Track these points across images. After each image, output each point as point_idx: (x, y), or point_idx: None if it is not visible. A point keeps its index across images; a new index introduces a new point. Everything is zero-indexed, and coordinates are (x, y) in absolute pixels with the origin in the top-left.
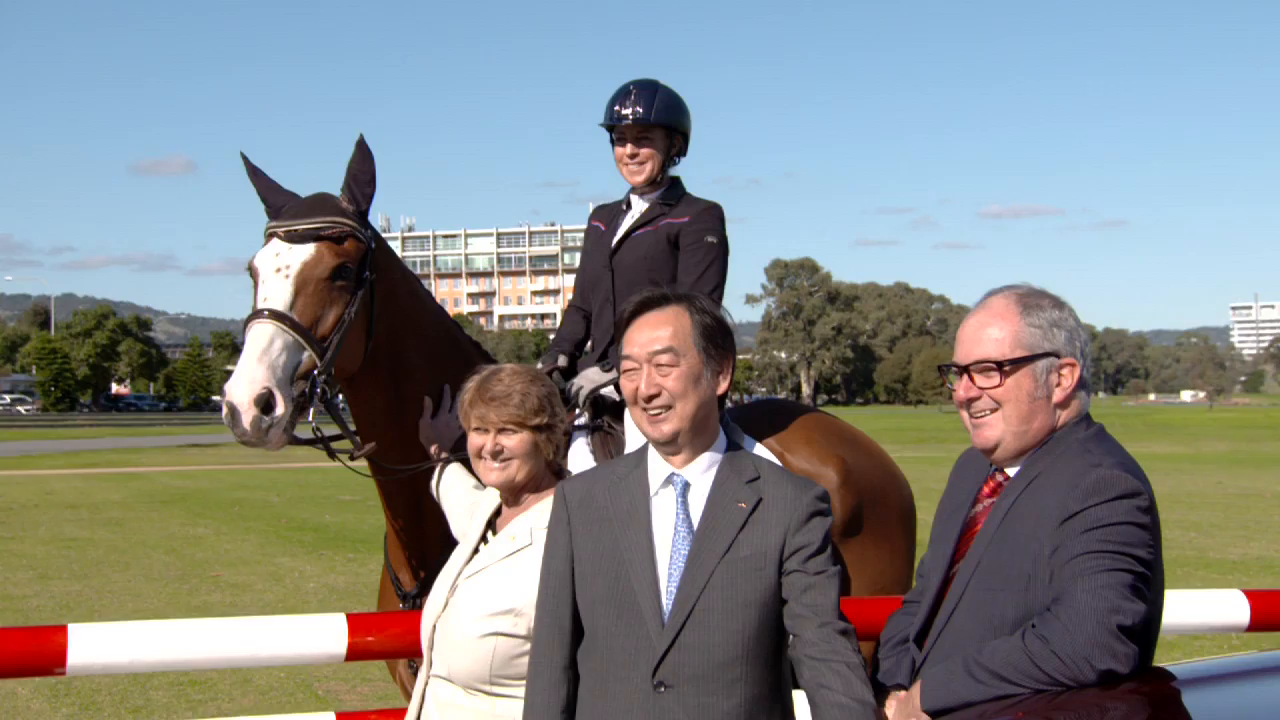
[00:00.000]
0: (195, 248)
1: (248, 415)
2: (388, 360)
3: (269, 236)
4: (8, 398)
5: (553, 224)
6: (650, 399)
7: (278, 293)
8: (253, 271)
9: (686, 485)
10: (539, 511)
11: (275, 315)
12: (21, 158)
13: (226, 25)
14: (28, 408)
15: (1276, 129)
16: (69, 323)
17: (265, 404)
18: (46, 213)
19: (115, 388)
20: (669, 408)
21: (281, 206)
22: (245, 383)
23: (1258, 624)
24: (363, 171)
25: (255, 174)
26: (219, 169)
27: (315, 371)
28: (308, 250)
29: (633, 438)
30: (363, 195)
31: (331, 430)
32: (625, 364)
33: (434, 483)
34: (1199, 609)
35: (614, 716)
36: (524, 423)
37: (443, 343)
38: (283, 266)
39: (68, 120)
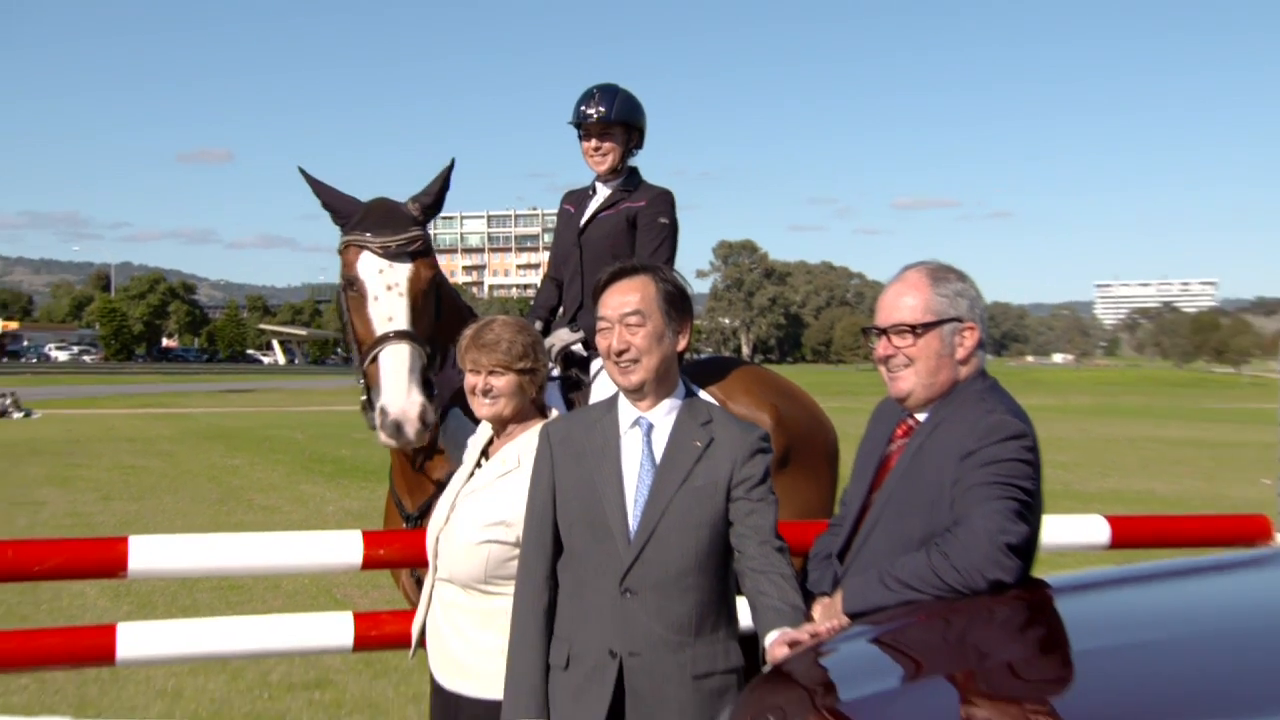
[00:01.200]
0: (232, 225)
1: (412, 429)
2: (430, 335)
3: (359, 248)
4: (75, 349)
5: (534, 208)
6: (621, 353)
7: (399, 311)
8: (357, 281)
9: (650, 426)
10: (524, 440)
11: (407, 336)
12: (88, 147)
13: (261, 34)
14: (92, 357)
15: (1136, 133)
16: (126, 287)
17: (423, 418)
18: (108, 194)
19: (165, 342)
20: (636, 361)
21: (349, 214)
22: (408, 403)
23: (1116, 544)
24: (440, 192)
25: (317, 185)
26: (253, 159)
27: (432, 374)
28: (408, 268)
29: (598, 386)
30: (430, 210)
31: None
32: (600, 324)
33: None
34: (1069, 532)
35: (588, 617)
36: (510, 366)
37: (457, 313)
38: (393, 284)
39: (125, 115)
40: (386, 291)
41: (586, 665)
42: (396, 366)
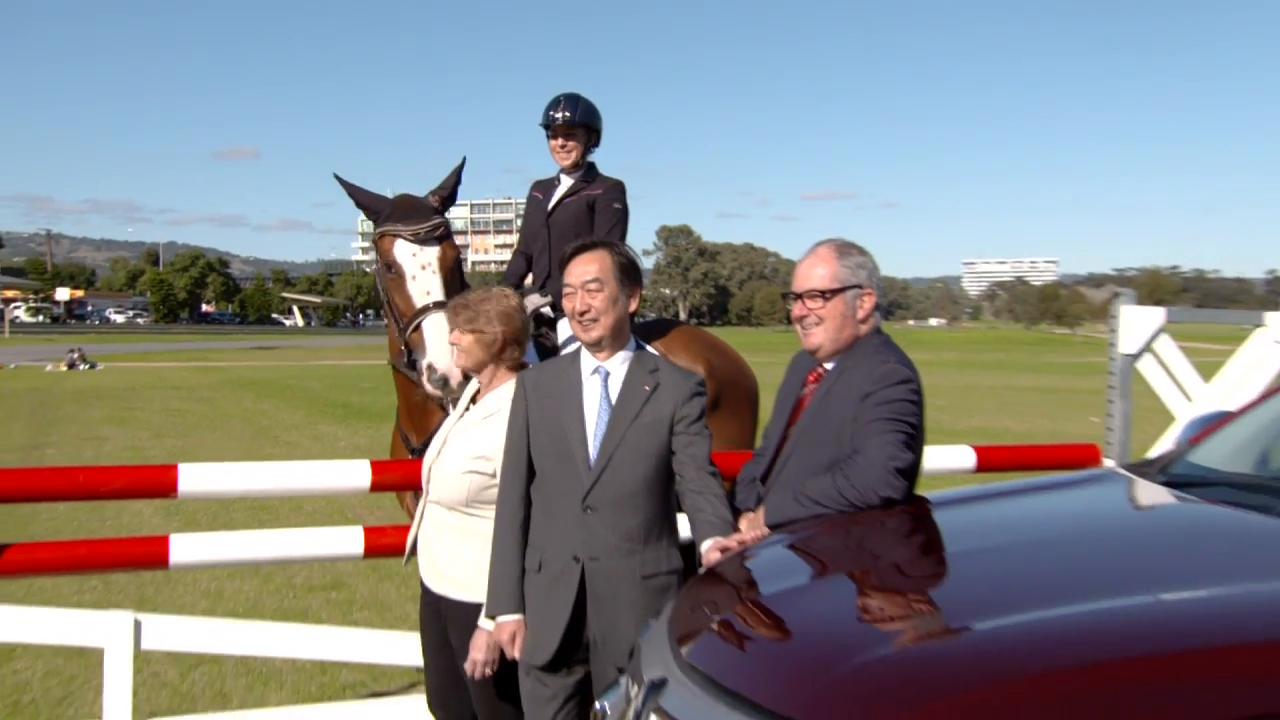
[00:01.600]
0: (259, 211)
1: (455, 380)
2: None
3: (394, 237)
4: (130, 313)
5: (509, 198)
6: (583, 313)
7: (434, 285)
8: (397, 265)
9: (608, 374)
10: (504, 390)
11: (443, 305)
12: (140, 145)
13: (284, 53)
14: (144, 320)
15: (994, 133)
16: (172, 262)
17: (467, 376)
18: (156, 184)
19: (204, 308)
20: (596, 320)
21: (380, 210)
22: (448, 358)
23: (980, 468)
24: (454, 186)
25: (350, 188)
26: (276, 156)
27: None
28: (436, 249)
29: (562, 338)
30: (447, 200)
31: None
32: (565, 289)
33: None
34: (944, 459)
35: (556, 529)
36: (468, 326)
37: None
38: (427, 263)
39: (170, 118)
40: (421, 270)
41: (555, 569)
42: (439, 332)
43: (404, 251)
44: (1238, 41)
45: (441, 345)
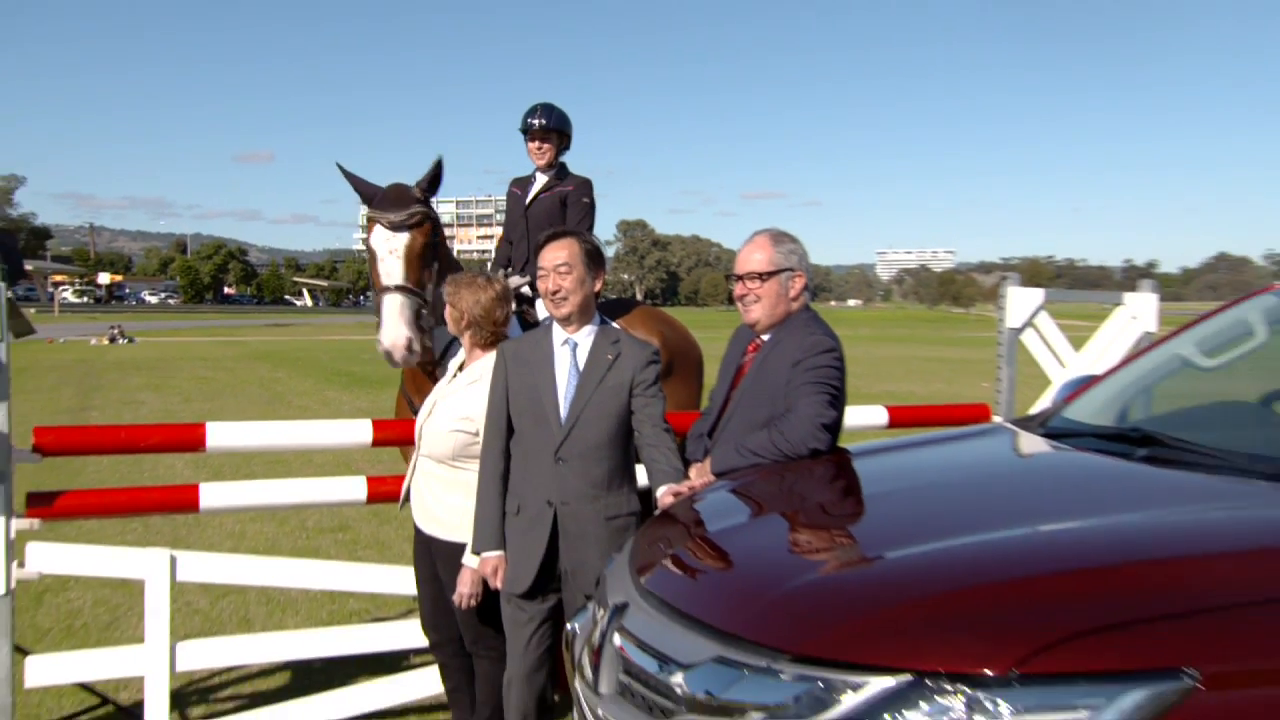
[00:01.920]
0: (273, 206)
1: (399, 354)
2: (424, 285)
3: (373, 222)
4: (162, 294)
5: (489, 196)
6: (554, 293)
7: (395, 270)
8: (370, 249)
9: (576, 345)
10: (487, 360)
11: (399, 288)
12: (170, 149)
13: (298, 70)
14: (174, 301)
15: (901, 136)
16: (198, 250)
17: (409, 347)
18: (185, 183)
19: (226, 290)
20: (565, 298)
21: (372, 195)
22: (397, 336)
23: (891, 424)
24: (435, 179)
25: (350, 177)
26: (288, 160)
27: (425, 310)
28: (406, 236)
29: (541, 316)
30: (429, 190)
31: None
32: (539, 272)
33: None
34: (861, 417)
35: (532, 478)
36: (451, 303)
37: (451, 270)
38: (394, 249)
39: (197, 124)
40: (389, 255)
41: (531, 512)
42: (389, 311)
43: (379, 237)
44: (1101, 56)
45: (391, 324)
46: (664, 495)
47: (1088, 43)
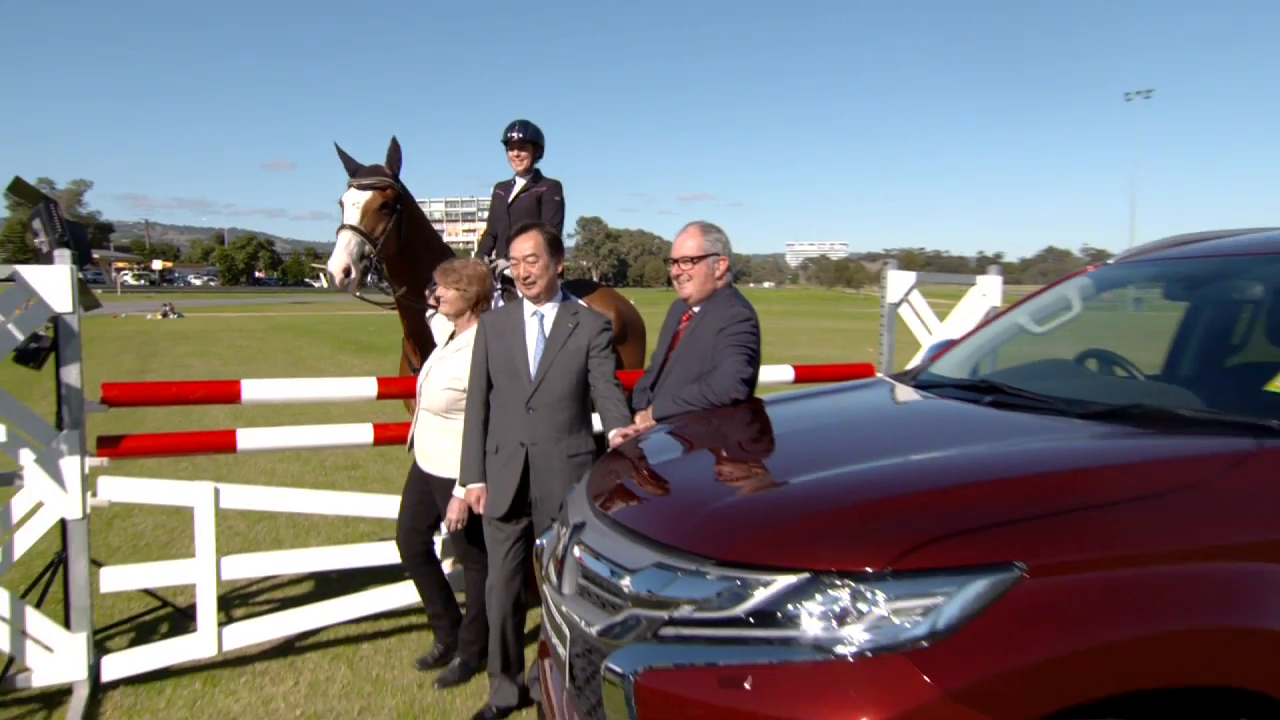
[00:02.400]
0: (295, 205)
1: (339, 278)
2: (409, 249)
3: (350, 187)
4: (205, 278)
5: (472, 197)
6: (525, 278)
7: (353, 216)
8: (341, 204)
9: (542, 316)
10: (471, 330)
11: (351, 227)
12: (211, 158)
13: (309, 88)
14: (214, 283)
15: (802, 140)
16: (233, 241)
17: (347, 272)
18: (222, 186)
19: (257, 274)
20: (534, 282)
21: (355, 170)
22: (337, 262)
23: (797, 380)
24: (395, 155)
25: (342, 155)
26: (308, 168)
27: (371, 253)
28: (367, 194)
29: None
30: (393, 166)
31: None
32: (512, 259)
33: (429, 317)
34: (772, 374)
35: (508, 424)
36: (453, 285)
37: (435, 244)
38: (356, 202)
39: (232, 137)
40: (352, 207)
41: (507, 451)
42: (339, 244)
43: (348, 194)
44: (959, 82)
45: (337, 254)
46: (615, 436)
47: (948, 70)
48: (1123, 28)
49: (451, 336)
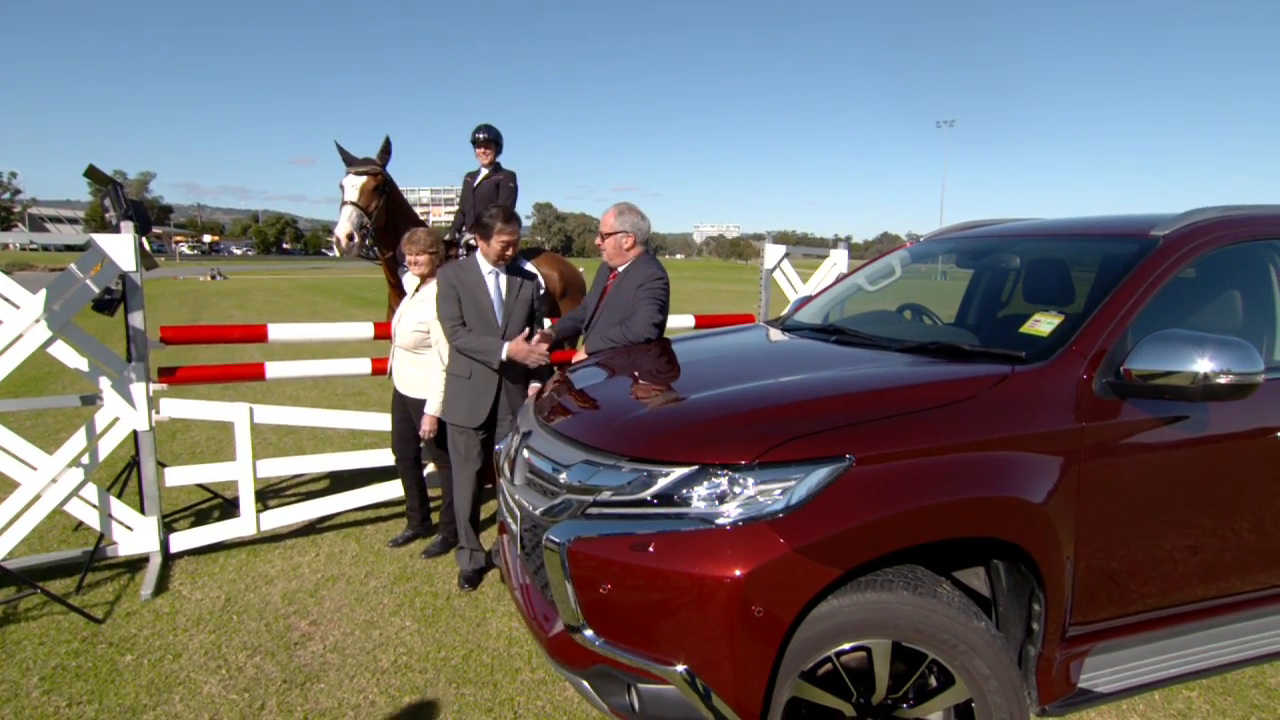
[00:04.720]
0: (315, 191)
1: (344, 242)
2: (392, 223)
3: (348, 173)
4: (244, 249)
5: (451, 186)
6: (506, 253)
7: (352, 194)
8: (342, 186)
9: (498, 274)
10: (431, 285)
11: (352, 203)
12: (249, 154)
13: (322, 93)
14: (251, 253)
15: (712, 142)
16: (266, 220)
17: (350, 237)
18: (258, 176)
19: (285, 246)
20: (509, 255)
21: (351, 160)
22: (342, 229)
23: (697, 326)
24: (385, 150)
25: (341, 150)
26: (325, 162)
27: (367, 224)
28: (363, 179)
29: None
30: (383, 158)
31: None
32: (500, 241)
33: (401, 273)
34: (677, 321)
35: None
36: (425, 250)
37: (412, 219)
38: (354, 184)
39: (265, 137)
40: (350, 188)
41: (481, 376)
42: (343, 216)
43: (347, 180)
44: (810, 86)
45: (342, 223)
46: (536, 341)
47: (820, 87)
48: (935, 65)
49: (416, 289)
